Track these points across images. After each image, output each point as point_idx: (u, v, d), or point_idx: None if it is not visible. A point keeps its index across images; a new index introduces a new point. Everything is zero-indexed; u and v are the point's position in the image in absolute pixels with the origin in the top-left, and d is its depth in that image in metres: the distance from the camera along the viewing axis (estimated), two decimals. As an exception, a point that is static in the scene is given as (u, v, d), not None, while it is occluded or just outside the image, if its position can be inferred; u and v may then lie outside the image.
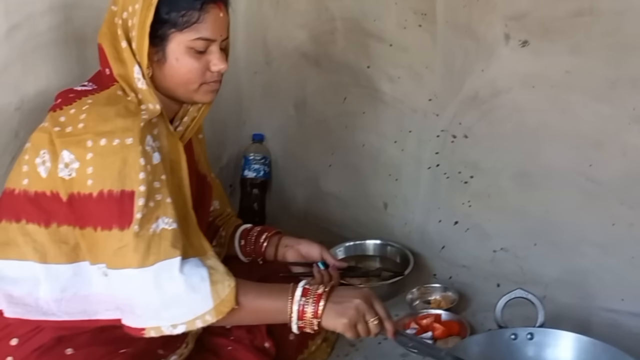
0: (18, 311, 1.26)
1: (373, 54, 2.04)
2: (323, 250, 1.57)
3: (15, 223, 1.25)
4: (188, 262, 1.21)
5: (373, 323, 1.24)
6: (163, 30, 1.25)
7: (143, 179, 1.18)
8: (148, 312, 1.20)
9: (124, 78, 1.27)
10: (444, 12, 1.89)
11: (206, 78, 1.30)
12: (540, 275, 1.86)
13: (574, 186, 1.79)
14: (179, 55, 1.26)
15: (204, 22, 1.25)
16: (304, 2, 2.13)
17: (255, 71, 2.26)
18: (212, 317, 1.20)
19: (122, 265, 1.18)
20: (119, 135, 1.18)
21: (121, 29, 1.25)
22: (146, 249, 1.17)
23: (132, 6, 1.24)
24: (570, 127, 1.76)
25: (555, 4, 1.70)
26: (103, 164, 1.17)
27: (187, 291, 1.18)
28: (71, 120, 1.21)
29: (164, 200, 1.22)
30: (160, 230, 1.19)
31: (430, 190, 2.05)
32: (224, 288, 1.21)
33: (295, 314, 1.24)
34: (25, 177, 1.24)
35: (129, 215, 1.17)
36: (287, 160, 2.31)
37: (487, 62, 1.84)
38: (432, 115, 1.99)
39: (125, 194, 1.17)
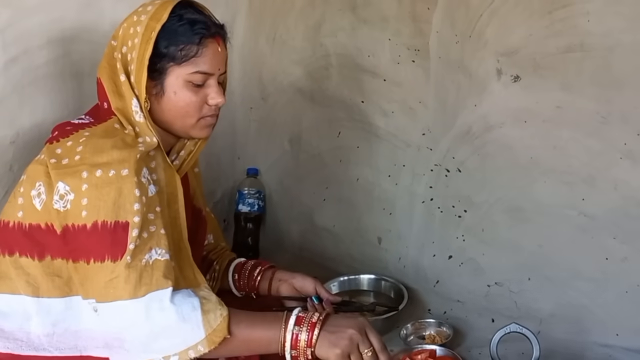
0: (9, 346, 1.24)
1: (367, 89, 2.07)
2: (317, 284, 1.57)
3: (8, 256, 1.24)
4: (179, 292, 1.20)
5: (367, 354, 1.22)
6: (162, 64, 1.27)
7: (137, 210, 1.18)
8: (138, 346, 1.18)
9: (122, 111, 1.28)
10: (437, 48, 1.92)
11: (204, 112, 1.32)
12: (535, 310, 1.86)
13: (567, 221, 1.80)
14: (177, 88, 1.28)
15: (202, 56, 1.27)
16: (299, 39, 2.16)
17: (251, 106, 2.28)
18: (205, 347, 1.18)
19: (114, 297, 1.17)
20: (115, 166, 1.19)
21: (120, 62, 1.28)
22: (138, 280, 1.16)
23: (131, 40, 1.26)
24: (562, 162, 1.78)
25: (545, 40, 1.73)
26: (98, 195, 1.17)
27: (178, 321, 1.17)
28: (67, 152, 1.22)
29: (158, 232, 1.21)
30: (152, 261, 1.19)
31: (424, 225, 2.05)
32: (216, 317, 1.20)
33: (289, 343, 1.22)
34: (19, 210, 1.24)
35: (122, 247, 1.17)
36: (281, 195, 2.31)
37: (479, 97, 1.87)
38: (425, 149, 2.00)
39: (119, 225, 1.17)
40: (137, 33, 1.26)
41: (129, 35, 1.27)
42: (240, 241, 2.26)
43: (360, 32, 2.04)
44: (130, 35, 1.27)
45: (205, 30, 1.28)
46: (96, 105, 1.35)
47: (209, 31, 1.28)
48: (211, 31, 1.29)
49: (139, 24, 1.27)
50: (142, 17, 1.28)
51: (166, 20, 1.26)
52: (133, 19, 1.29)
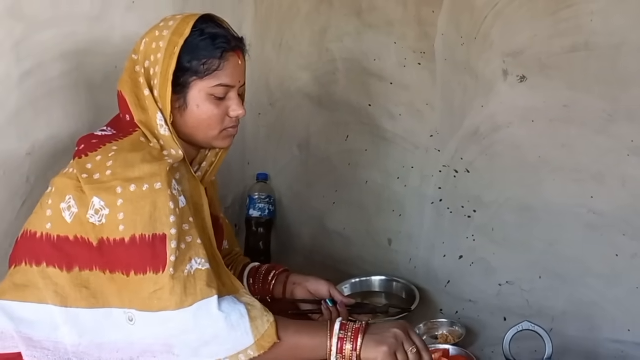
0: (36, 354, 1.26)
1: (374, 92, 2.08)
2: (331, 287, 1.58)
3: (35, 266, 1.26)
4: (225, 299, 1.23)
5: (412, 352, 1.25)
6: (185, 78, 1.29)
7: (174, 222, 1.21)
8: (188, 351, 1.21)
9: (146, 125, 1.30)
10: (443, 50, 1.93)
11: (225, 124, 1.35)
12: (547, 308, 1.86)
13: (576, 218, 1.81)
14: (200, 102, 1.31)
15: (224, 69, 1.30)
16: (306, 44, 2.18)
17: (260, 112, 2.30)
18: (255, 352, 1.21)
19: (159, 307, 1.19)
20: (148, 180, 1.21)
21: (143, 77, 1.30)
22: (183, 291, 1.19)
23: (154, 55, 1.29)
24: (570, 160, 1.79)
25: (551, 40, 1.75)
26: (134, 209, 1.20)
27: (227, 329, 1.20)
28: (98, 167, 1.24)
29: (195, 242, 1.24)
30: (194, 271, 1.22)
31: (434, 226, 2.06)
32: (264, 323, 1.23)
33: (335, 348, 1.24)
34: (48, 222, 1.26)
35: (162, 259, 1.19)
36: (291, 199, 2.33)
37: (486, 98, 1.88)
38: (433, 151, 2.02)
39: (157, 237, 1.20)
40: (159, 48, 1.28)
41: (151, 49, 1.29)
42: (251, 246, 2.27)
43: (366, 36, 2.05)
44: (152, 50, 1.29)
45: (227, 44, 1.30)
46: (117, 117, 1.37)
47: (229, 45, 1.31)
48: (232, 45, 1.31)
49: (162, 39, 1.29)
50: (164, 32, 1.30)
51: (188, 35, 1.28)
52: (155, 34, 1.31)
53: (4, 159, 1.51)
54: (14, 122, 1.52)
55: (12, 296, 1.27)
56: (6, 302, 1.28)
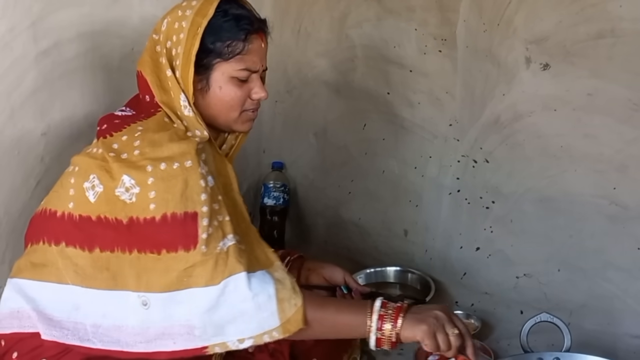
0: (55, 334, 1.25)
1: (393, 80, 2.06)
2: (346, 275, 1.57)
3: (54, 245, 1.24)
4: (255, 276, 1.21)
5: (454, 333, 1.21)
6: (208, 60, 1.28)
7: (205, 200, 1.19)
8: (210, 330, 1.19)
9: (168, 105, 1.29)
10: (464, 37, 1.91)
11: (246, 106, 1.33)
12: (565, 302, 1.84)
13: (598, 210, 1.78)
14: (223, 84, 1.29)
15: (247, 52, 1.28)
16: (325, 31, 2.16)
17: (276, 100, 2.29)
18: (279, 334, 1.20)
19: (187, 285, 1.18)
20: (178, 159, 1.20)
21: (165, 57, 1.28)
22: (214, 267, 1.18)
23: (176, 35, 1.27)
24: (593, 150, 1.76)
25: (575, 27, 1.72)
26: (165, 188, 1.18)
27: (254, 309, 1.19)
28: (125, 146, 1.22)
29: (224, 219, 1.23)
30: (227, 248, 1.20)
31: (451, 216, 2.04)
32: (290, 307, 1.20)
33: (375, 326, 1.22)
34: (70, 201, 1.24)
35: (193, 237, 1.18)
36: (306, 188, 2.32)
37: (508, 86, 1.85)
38: (452, 140, 1.99)
39: (189, 215, 1.18)
40: (182, 28, 1.26)
41: (173, 30, 1.27)
42: (265, 234, 2.25)
43: (386, 22, 2.03)
44: (175, 30, 1.27)
45: (250, 26, 1.28)
46: (136, 97, 1.36)
47: (253, 27, 1.29)
48: (255, 27, 1.29)
49: (184, 19, 1.27)
50: (187, 12, 1.27)
51: (212, 16, 1.26)
52: (178, 14, 1.29)
53: (19, 139, 1.50)
54: (29, 102, 1.51)
55: (30, 275, 1.26)
56: (24, 280, 1.26)
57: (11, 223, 1.50)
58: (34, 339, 1.25)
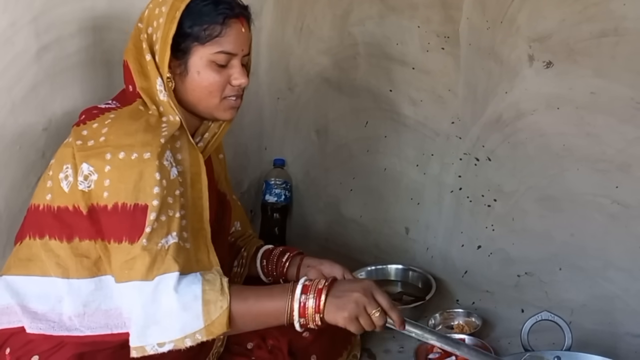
0: (41, 327, 1.26)
1: (395, 77, 2.06)
2: (345, 271, 1.55)
3: (39, 239, 1.26)
4: (186, 278, 1.20)
5: (375, 315, 1.21)
6: (186, 44, 1.27)
7: (157, 193, 1.20)
8: (135, 331, 1.18)
9: (147, 91, 1.29)
10: (467, 34, 1.90)
11: (226, 92, 1.32)
12: (566, 301, 1.84)
13: (600, 209, 1.78)
14: (201, 68, 1.29)
15: (225, 36, 1.28)
16: (327, 28, 2.15)
17: (278, 97, 2.28)
18: (203, 337, 1.19)
19: (128, 278, 1.19)
20: (138, 149, 1.20)
21: (146, 42, 1.29)
22: (151, 263, 1.18)
23: (156, 20, 1.28)
24: (596, 149, 1.76)
25: (579, 25, 1.71)
26: (119, 177, 1.19)
27: (179, 309, 1.18)
28: (93, 133, 1.24)
29: (174, 216, 1.23)
30: (168, 246, 1.20)
31: (452, 214, 2.04)
32: (216, 309, 1.19)
33: (297, 311, 1.21)
34: (48, 193, 1.26)
35: (139, 229, 1.18)
36: (308, 185, 2.31)
37: (510, 84, 1.85)
38: (454, 138, 1.99)
39: (138, 207, 1.19)
40: (162, 13, 1.27)
41: (154, 15, 1.28)
42: (266, 231, 2.26)
43: (388, 20, 2.03)
44: (155, 15, 1.28)
45: (229, 10, 1.28)
46: (122, 90, 1.37)
47: (232, 11, 1.28)
48: (235, 11, 1.29)
49: (165, 4, 1.27)
50: None
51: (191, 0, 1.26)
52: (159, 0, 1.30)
53: (20, 134, 1.50)
54: (31, 97, 1.51)
55: (17, 270, 1.28)
56: (11, 277, 1.28)
57: (12, 217, 1.50)
58: (25, 334, 1.27)
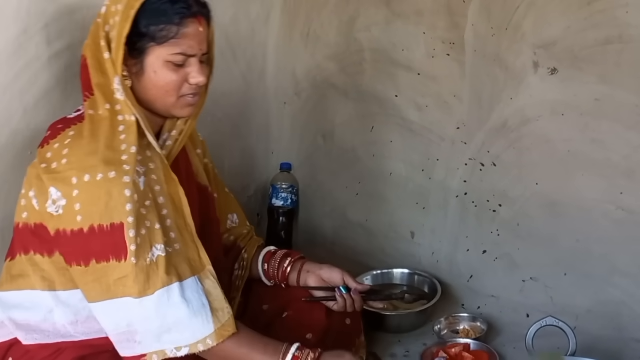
0: (36, 337, 1.28)
1: (401, 83, 2.07)
2: (345, 275, 1.55)
3: (24, 255, 1.27)
4: (189, 287, 1.23)
5: None
6: (142, 44, 1.25)
7: (130, 210, 1.19)
8: (150, 337, 1.21)
9: (102, 88, 1.27)
10: (473, 41, 1.91)
11: (184, 91, 1.30)
12: (571, 306, 1.84)
13: (605, 215, 1.78)
14: (157, 68, 1.26)
15: (182, 37, 1.25)
16: (333, 34, 2.17)
17: (285, 102, 2.30)
18: (213, 341, 1.22)
19: (123, 294, 1.19)
20: (102, 169, 1.19)
21: (104, 40, 1.26)
22: (146, 279, 1.20)
23: (112, 19, 1.25)
24: (601, 156, 1.77)
25: (584, 33, 1.72)
26: (90, 200, 1.19)
27: (189, 316, 1.21)
28: (55, 155, 1.23)
29: (153, 227, 1.23)
30: (156, 258, 1.21)
31: (458, 219, 2.05)
32: (224, 315, 1.25)
33: None
34: (24, 211, 1.27)
35: (123, 248, 1.19)
36: (314, 190, 2.32)
37: (515, 90, 1.86)
38: (460, 143, 2.00)
39: (115, 226, 1.19)
40: (118, 11, 1.25)
41: (111, 13, 1.26)
42: (273, 235, 2.27)
43: (394, 26, 2.04)
44: (112, 13, 1.26)
45: (187, 10, 1.25)
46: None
47: (190, 11, 1.25)
48: (192, 10, 1.26)
49: (120, 2, 1.25)
50: None
51: None
52: None
53: (31, 140, 1.50)
54: (42, 103, 1.52)
55: (8, 287, 1.29)
56: (2, 293, 1.30)
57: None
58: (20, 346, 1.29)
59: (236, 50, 2.12)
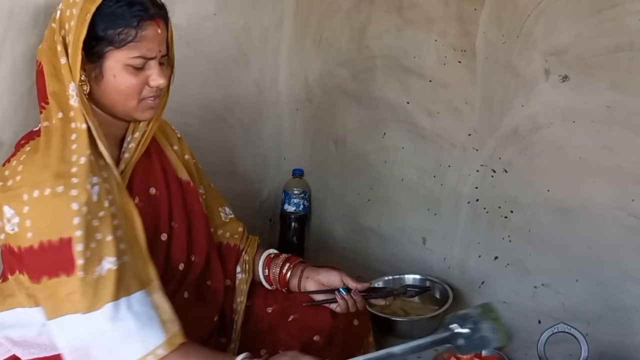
0: (34, 352, 1.29)
1: (412, 90, 2.08)
2: (343, 275, 1.54)
3: (11, 275, 1.28)
4: (136, 300, 1.22)
5: None
6: (99, 48, 1.23)
7: (78, 223, 1.18)
8: (103, 352, 1.20)
9: (57, 96, 1.25)
10: (484, 48, 1.92)
11: (144, 94, 1.29)
12: (583, 312, 1.84)
13: (616, 222, 1.78)
14: (117, 72, 1.25)
15: (141, 40, 1.23)
16: (345, 41, 2.18)
17: (297, 108, 2.31)
18: (164, 350, 1.21)
19: (73, 310, 1.18)
20: (50, 184, 1.18)
21: (61, 45, 1.24)
22: (94, 293, 1.18)
23: (68, 23, 1.23)
24: (612, 162, 1.77)
25: (594, 40, 1.73)
26: (39, 216, 1.18)
27: (139, 328, 1.20)
28: (12, 173, 1.22)
29: (105, 239, 1.21)
30: (105, 272, 1.20)
31: (469, 225, 2.05)
32: (174, 325, 1.24)
33: None
34: (1, 233, 1.26)
35: (72, 262, 1.17)
36: (326, 195, 2.34)
37: (527, 97, 1.86)
38: (471, 150, 2.00)
39: (64, 241, 1.17)
40: (73, 15, 1.22)
41: (66, 17, 1.24)
42: (285, 241, 2.28)
43: (405, 33, 2.05)
44: (67, 17, 1.23)
45: (144, 12, 1.23)
46: None
47: (147, 13, 1.24)
48: (150, 13, 1.24)
49: (75, 6, 1.23)
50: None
51: (102, 1, 1.22)
52: (69, 1, 1.25)
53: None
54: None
55: (1, 308, 1.30)
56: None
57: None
58: None
59: (249, 57, 2.15)
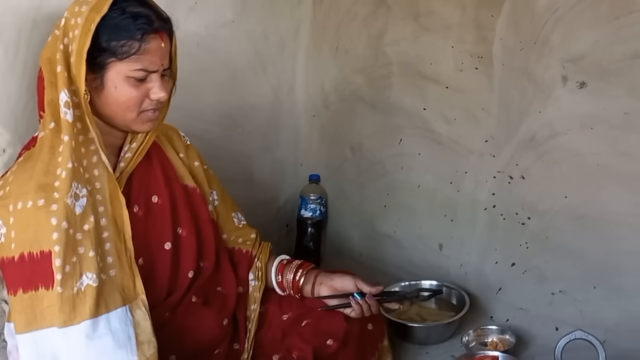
0: None
1: (429, 96, 2.08)
2: (357, 280, 1.55)
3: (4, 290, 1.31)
4: (116, 317, 1.22)
5: None
6: (102, 58, 1.24)
7: (57, 239, 1.17)
8: None
9: (52, 105, 1.25)
10: (501, 55, 1.92)
11: (144, 106, 1.29)
12: (600, 319, 1.83)
13: (634, 228, 1.77)
14: (118, 83, 1.26)
15: (144, 53, 1.24)
16: (362, 48, 2.19)
17: (314, 114, 2.33)
18: None
19: (49, 324, 1.18)
20: (32, 196, 1.18)
21: (61, 53, 1.24)
22: (72, 309, 1.18)
23: (72, 32, 1.23)
24: (630, 169, 1.76)
25: (612, 46, 1.72)
26: (21, 227, 1.18)
27: (114, 348, 1.19)
28: (4, 183, 1.24)
29: (87, 254, 1.21)
30: (85, 288, 1.19)
31: (486, 232, 2.05)
32: (150, 348, 1.23)
33: None
34: None
35: (50, 276, 1.17)
36: (343, 201, 2.34)
37: (544, 103, 1.86)
38: (488, 156, 2.00)
39: (44, 254, 1.17)
40: (77, 24, 1.23)
41: (70, 26, 1.24)
42: (302, 246, 2.30)
43: (422, 40, 2.06)
44: (71, 26, 1.23)
45: (148, 26, 1.24)
46: None
47: (151, 26, 1.25)
48: (154, 26, 1.25)
49: (80, 15, 1.23)
50: (83, 8, 1.24)
51: (107, 12, 1.23)
52: (75, 10, 1.25)
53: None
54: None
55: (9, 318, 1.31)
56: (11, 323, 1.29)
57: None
58: None
59: (266, 64, 2.17)
